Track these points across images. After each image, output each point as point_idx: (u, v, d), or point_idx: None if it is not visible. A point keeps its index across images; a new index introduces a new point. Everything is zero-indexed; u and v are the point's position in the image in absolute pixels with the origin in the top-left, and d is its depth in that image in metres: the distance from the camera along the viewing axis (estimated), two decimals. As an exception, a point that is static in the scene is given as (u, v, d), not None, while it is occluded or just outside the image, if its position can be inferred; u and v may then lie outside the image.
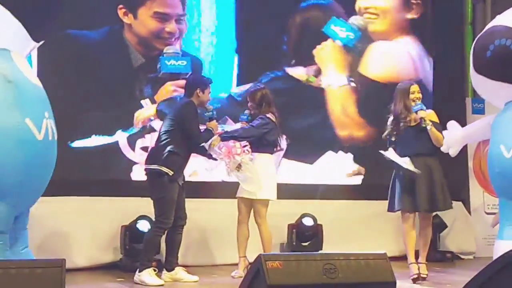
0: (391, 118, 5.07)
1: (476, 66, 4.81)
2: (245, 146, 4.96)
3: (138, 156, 6.10)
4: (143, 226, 5.52)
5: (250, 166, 4.98)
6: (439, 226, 6.86)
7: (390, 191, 5.08)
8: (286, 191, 5.82)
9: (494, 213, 6.69)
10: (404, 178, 4.92)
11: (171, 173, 4.73)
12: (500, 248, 4.41)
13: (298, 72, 6.90)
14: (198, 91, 4.97)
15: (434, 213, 5.25)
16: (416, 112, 4.90)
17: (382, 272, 2.79)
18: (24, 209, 3.87)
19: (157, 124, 5.97)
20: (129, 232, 5.57)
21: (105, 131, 6.04)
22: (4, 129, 3.53)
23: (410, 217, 4.97)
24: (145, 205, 5.45)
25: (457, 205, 7.39)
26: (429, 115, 4.99)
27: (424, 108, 4.93)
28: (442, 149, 5.54)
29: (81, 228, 5.58)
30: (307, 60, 6.90)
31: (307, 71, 6.91)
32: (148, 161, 4.89)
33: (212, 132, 4.96)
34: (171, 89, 6.28)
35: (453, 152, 5.61)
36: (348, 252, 2.86)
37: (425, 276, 5.02)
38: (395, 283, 2.80)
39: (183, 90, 6.10)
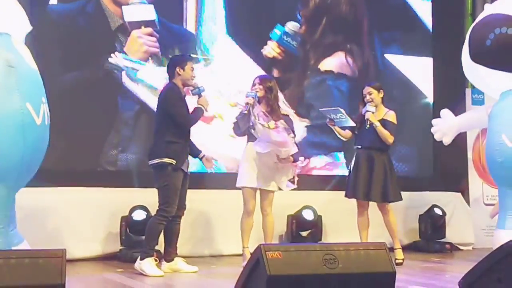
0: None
1: (474, 55, 4.80)
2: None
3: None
4: (139, 216, 5.53)
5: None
6: (438, 217, 6.86)
7: (347, 178, 5.61)
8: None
9: (493, 204, 6.69)
10: (354, 167, 5.47)
11: (174, 162, 4.73)
12: (501, 237, 4.42)
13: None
14: (177, 69, 4.85)
15: (388, 203, 5.47)
16: (364, 113, 5.40)
17: (381, 263, 2.79)
18: (16, 191, 3.91)
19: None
20: (125, 223, 5.58)
21: (91, 95, 6.05)
22: (6, 113, 3.60)
23: (359, 204, 5.51)
24: (144, 195, 5.47)
25: (456, 196, 7.40)
26: (389, 115, 5.42)
27: (372, 110, 5.37)
28: (435, 137, 5.65)
29: (80, 218, 5.57)
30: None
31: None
32: (151, 156, 4.84)
33: (202, 110, 4.87)
34: (136, 36, 6.25)
35: (446, 140, 5.62)
36: (348, 242, 2.87)
37: (400, 261, 5.36)
38: (394, 273, 2.80)
39: (148, 37, 6.23)
